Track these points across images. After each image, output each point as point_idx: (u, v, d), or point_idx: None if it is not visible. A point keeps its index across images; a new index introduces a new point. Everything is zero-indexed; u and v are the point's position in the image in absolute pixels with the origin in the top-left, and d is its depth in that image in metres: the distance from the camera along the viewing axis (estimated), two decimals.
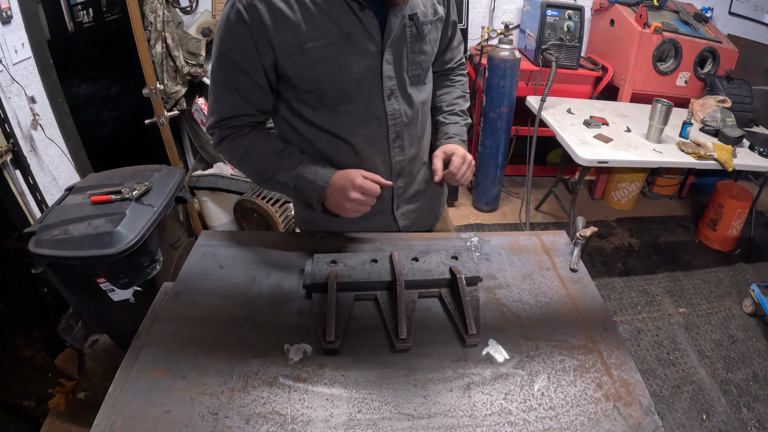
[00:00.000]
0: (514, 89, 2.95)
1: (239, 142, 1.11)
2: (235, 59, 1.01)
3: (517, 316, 1.04)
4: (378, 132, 1.12)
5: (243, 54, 1.00)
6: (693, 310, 2.61)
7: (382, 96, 1.08)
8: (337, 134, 1.10)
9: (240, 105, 1.07)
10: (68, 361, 2.07)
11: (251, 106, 1.09)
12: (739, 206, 2.93)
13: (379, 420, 0.81)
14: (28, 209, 1.89)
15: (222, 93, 1.07)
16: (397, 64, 1.08)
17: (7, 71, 1.80)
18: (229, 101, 1.07)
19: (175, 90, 2.82)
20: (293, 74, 1.02)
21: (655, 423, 0.83)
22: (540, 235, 1.31)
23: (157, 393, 0.84)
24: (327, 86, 1.03)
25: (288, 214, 2.67)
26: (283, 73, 1.04)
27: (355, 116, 1.08)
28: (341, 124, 1.09)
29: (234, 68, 1.02)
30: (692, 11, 3.23)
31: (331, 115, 1.08)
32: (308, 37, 0.98)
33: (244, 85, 1.04)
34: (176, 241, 1.95)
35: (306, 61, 1.00)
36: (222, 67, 1.04)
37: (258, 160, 1.12)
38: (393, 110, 1.11)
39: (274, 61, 1.01)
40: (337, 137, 1.11)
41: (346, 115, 1.08)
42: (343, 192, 1.06)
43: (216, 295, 1.06)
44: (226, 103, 1.08)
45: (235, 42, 1.00)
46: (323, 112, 1.08)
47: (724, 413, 2.04)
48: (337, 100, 1.06)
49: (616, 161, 2.32)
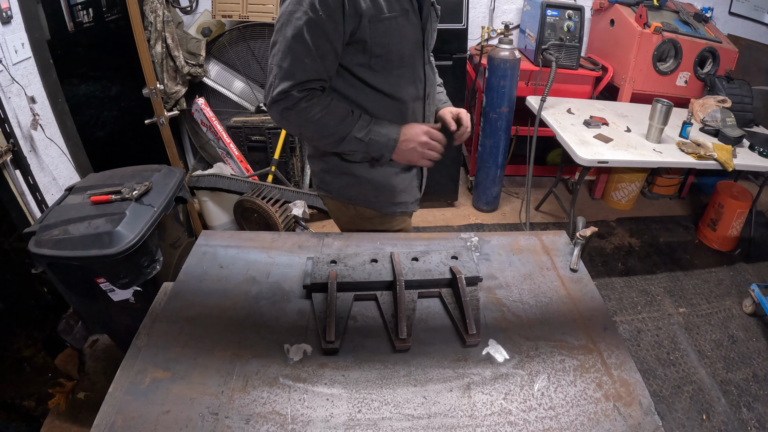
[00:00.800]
0: (514, 89, 2.95)
1: (315, 103, 1.17)
2: (323, 24, 1.09)
3: (517, 316, 1.04)
4: (419, 91, 1.33)
5: (332, 19, 1.10)
6: (693, 310, 2.61)
7: (423, 62, 1.30)
8: (391, 94, 1.26)
9: (318, 69, 1.15)
10: (68, 361, 2.07)
11: (326, 71, 1.17)
12: (739, 206, 2.93)
13: (379, 420, 0.81)
14: (28, 209, 1.89)
15: (303, 57, 1.12)
16: (428, 38, 1.30)
17: (7, 71, 1.80)
18: (310, 65, 1.13)
19: (175, 90, 2.82)
20: (370, 39, 1.16)
21: (655, 423, 0.83)
22: (540, 235, 1.31)
23: (157, 393, 0.84)
24: (393, 51, 1.20)
25: (288, 214, 2.67)
26: (360, 39, 1.15)
27: (405, 78, 1.27)
28: (395, 85, 1.26)
29: (319, 33, 1.10)
30: (692, 11, 3.23)
31: (387, 77, 1.24)
32: (385, 8, 1.15)
33: (324, 50, 1.13)
34: (176, 241, 1.95)
35: (384, 28, 1.16)
36: (307, 32, 1.09)
37: (335, 119, 1.20)
38: (428, 73, 1.33)
39: (355, 28, 1.13)
40: (391, 96, 1.27)
41: (398, 78, 1.25)
42: (415, 139, 1.26)
43: (216, 295, 1.06)
44: (307, 67, 1.14)
45: (328, 8, 1.08)
46: (382, 75, 1.23)
47: (724, 413, 2.04)
48: (396, 64, 1.23)
49: (616, 161, 2.32)
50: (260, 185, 2.74)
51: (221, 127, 2.96)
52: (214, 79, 3.08)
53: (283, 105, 1.16)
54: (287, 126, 1.23)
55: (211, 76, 3.07)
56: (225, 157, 3.09)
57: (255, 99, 3.16)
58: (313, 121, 1.18)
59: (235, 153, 2.99)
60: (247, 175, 2.94)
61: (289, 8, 1.11)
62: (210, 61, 3.03)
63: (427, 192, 3.58)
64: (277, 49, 1.14)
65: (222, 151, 3.09)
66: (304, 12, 1.08)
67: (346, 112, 1.21)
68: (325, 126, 1.19)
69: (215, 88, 3.10)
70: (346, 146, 1.24)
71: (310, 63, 1.13)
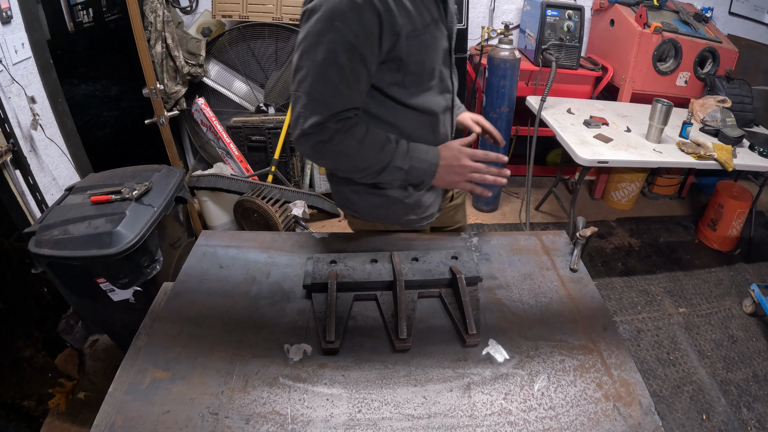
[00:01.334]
0: (514, 89, 2.95)
1: (352, 135, 1.05)
2: (359, 46, 0.98)
3: (517, 316, 1.04)
4: (447, 102, 1.24)
5: (368, 40, 0.98)
6: (693, 310, 2.61)
7: (450, 71, 1.22)
8: (424, 108, 1.16)
9: (353, 96, 1.04)
10: (68, 361, 2.07)
11: (360, 97, 1.07)
12: (739, 206, 2.93)
13: (379, 420, 0.81)
14: (28, 209, 1.89)
15: (337, 83, 1.00)
16: (453, 44, 1.21)
17: (7, 71, 1.80)
18: (346, 92, 1.02)
19: (175, 90, 2.82)
20: (407, 56, 1.05)
21: (655, 423, 0.83)
22: (540, 235, 1.31)
23: (157, 393, 0.84)
24: (427, 65, 1.11)
25: (288, 214, 2.67)
26: (395, 57, 1.04)
27: (435, 90, 1.18)
28: (427, 100, 1.16)
29: (355, 55, 0.98)
30: (692, 11, 3.23)
31: (420, 91, 1.14)
32: (418, 21, 1.04)
33: (359, 74, 1.02)
34: (176, 241, 1.95)
35: (419, 43, 1.06)
36: (341, 55, 0.97)
37: (373, 150, 1.08)
38: (453, 82, 1.25)
39: (392, 46, 1.02)
40: (424, 111, 1.17)
41: (429, 90, 1.16)
42: (456, 162, 1.16)
43: (216, 295, 1.06)
44: (342, 94, 1.02)
45: (364, 27, 0.96)
46: (414, 91, 1.13)
47: (724, 413, 2.04)
48: (428, 77, 1.14)
49: (616, 161, 2.32)
50: (260, 185, 2.74)
51: (221, 127, 2.97)
52: (214, 79, 3.08)
53: (316, 138, 1.03)
54: (319, 160, 1.13)
55: (211, 76, 3.07)
56: (225, 157, 3.09)
57: (255, 99, 3.16)
58: (350, 154, 1.06)
59: (235, 153, 2.99)
60: (247, 175, 2.94)
61: (317, 28, 0.96)
62: (210, 61, 3.03)
63: None
64: (305, 75, 0.99)
65: (222, 151, 3.09)
66: (337, 32, 0.95)
67: (384, 141, 1.10)
68: (364, 158, 1.08)
69: (215, 88, 3.10)
70: (385, 177, 1.13)
71: (346, 90, 1.01)
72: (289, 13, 2.83)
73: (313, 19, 0.96)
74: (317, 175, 3.24)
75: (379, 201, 1.24)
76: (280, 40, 2.99)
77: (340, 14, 0.94)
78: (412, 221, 1.29)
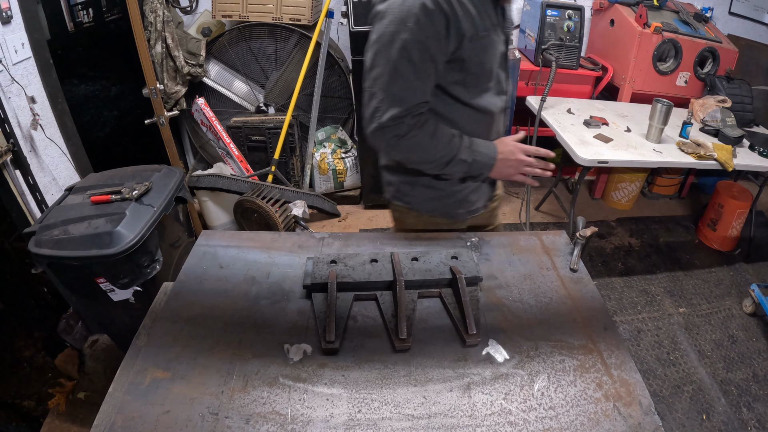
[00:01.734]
0: (514, 89, 2.95)
1: (425, 130, 1.15)
2: (429, 45, 1.06)
3: (517, 316, 1.04)
4: (503, 103, 1.33)
5: (437, 41, 1.07)
6: (693, 310, 2.61)
7: (506, 74, 1.30)
8: (482, 108, 1.25)
9: (425, 91, 1.13)
10: (68, 361, 2.07)
11: (429, 93, 1.15)
12: (739, 206, 2.93)
13: (379, 420, 0.81)
14: (28, 209, 1.89)
15: (412, 79, 1.08)
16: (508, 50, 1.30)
17: (7, 71, 1.80)
18: (420, 87, 1.11)
19: (175, 90, 2.82)
20: (469, 58, 1.13)
21: (655, 423, 0.83)
22: (540, 235, 1.31)
23: (157, 393, 0.84)
24: (487, 66, 1.19)
25: (288, 214, 2.67)
26: (459, 58, 1.13)
27: (492, 91, 1.26)
28: (485, 100, 1.25)
29: (425, 55, 1.07)
30: (692, 11, 3.23)
31: (479, 92, 1.23)
32: (480, 26, 1.12)
33: (429, 71, 1.10)
34: (176, 241, 1.95)
35: (480, 46, 1.14)
36: (414, 52, 1.06)
37: (443, 143, 1.17)
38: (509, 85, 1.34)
39: (457, 47, 1.10)
40: (482, 111, 1.25)
41: (488, 92, 1.24)
42: (512, 156, 1.26)
43: (216, 295, 1.06)
44: (417, 90, 1.11)
45: (434, 29, 1.05)
46: (474, 91, 1.22)
47: (724, 413, 2.04)
48: (486, 78, 1.22)
49: (616, 161, 2.32)
50: (260, 185, 2.74)
51: (221, 127, 2.97)
52: (214, 79, 3.08)
53: (394, 132, 1.12)
54: (392, 152, 1.22)
55: (211, 76, 3.07)
56: (225, 157, 3.09)
57: (255, 99, 3.17)
58: (423, 146, 1.16)
59: (235, 153, 2.99)
60: (247, 175, 2.94)
61: (390, 28, 1.05)
62: (210, 61, 3.03)
63: None
64: (380, 72, 1.08)
65: (222, 151, 3.09)
66: (410, 32, 1.04)
67: (451, 135, 1.19)
68: (434, 152, 1.17)
69: (215, 88, 3.10)
70: (451, 168, 1.22)
71: (420, 85, 1.10)
72: (289, 13, 2.82)
73: (386, 20, 1.06)
74: (317, 175, 3.25)
75: (432, 194, 1.33)
76: (280, 40, 2.99)
77: (412, 16, 1.03)
78: (460, 214, 1.38)
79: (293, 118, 2.94)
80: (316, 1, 2.87)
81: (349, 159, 3.23)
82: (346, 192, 3.37)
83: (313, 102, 3.02)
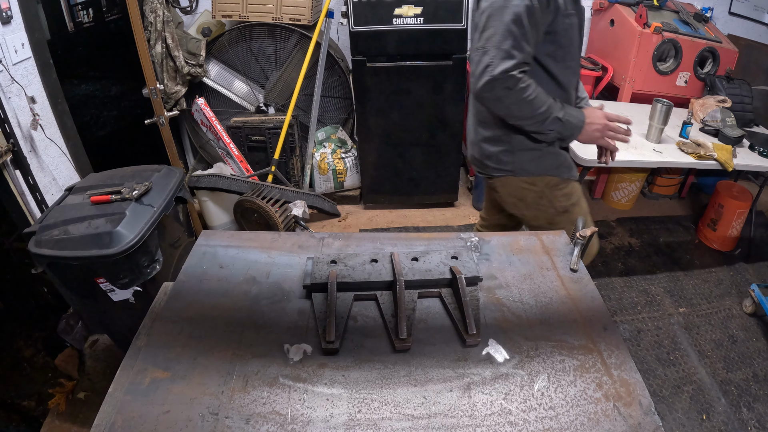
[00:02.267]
0: None
1: (530, 85, 1.30)
2: (535, 12, 1.25)
3: (517, 316, 1.04)
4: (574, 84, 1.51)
5: (541, 10, 1.26)
6: (693, 310, 2.61)
7: (580, 54, 1.50)
8: (563, 82, 1.43)
9: (530, 52, 1.30)
10: (68, 361, 2.07)
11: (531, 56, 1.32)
12: (739, 206, 2.93)
13: (379, 420, 0.81)
14: (28, 209, 1.89)
15: (520, 39, 1.25)
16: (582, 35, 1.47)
17: (7, 71, 1.80)
18: (527, 48, 1.28)
19: (175, 90, 2.82)
20: (561, 30, 1.33)
21: (655, 423, 0.83)
22: (540, 235, 1.31)
23: (157, 393, 0.84)
24: (573, 43, 1.40)
25: (288, 214, 2.67)
26: (553, 30, 1.31)
27: (571, 70, 1.45)
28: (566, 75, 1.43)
29: (532, 20, 1.25)
30: (692, 11, 3.23)
31: (563, 67, 1.41)
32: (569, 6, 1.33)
33: (533, 36, 1.28)
34: (176, 241, 1.95)
35: (568, 23, 1.34)
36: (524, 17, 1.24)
37: (542, 100, 1.33)
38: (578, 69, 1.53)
39: (552, 19, 1.30)
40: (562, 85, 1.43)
41: (569, 69, 1.43)
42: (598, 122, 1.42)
43: (216, 295, 1.06)
44: (524, 49, 1.27)
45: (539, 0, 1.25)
46: (560, 65, 1.40)
47: (724, 413, 2.04)
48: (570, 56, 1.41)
49: (616, 161, 2.31)
50: (260, 185, 2.74)
51: (221, 127, 2.97)
52: (214, 79, 3.08)
53: (504, 84, 1.27)
54: (499, 105, 1.34)
55: (211, 76, 3.07)
56: (225, 157, 3.09)
57: (255, 99, 3.17)
58: (527, 101, 1.30)
59: (235, 153, 2.99)
60: (247, 175, 2.94)
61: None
62: (210, 61, 3.03)
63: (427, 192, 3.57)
64: (493, 32, 1.25)
65: (222, 151, 3.09)
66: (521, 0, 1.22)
67: (547, 96, 1.34)
68: (535, 107, 1.32)
69: (215, 88, 3.10)
70: (547, 126, 1.36)
71: (527, 46, 1.26)
72: (289, 13, 2.83)
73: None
74: (317, 175, 3.25)
75: (532, 155, 1.50)
76: (280, 40, 2.99)
77: None
78: (562, 171, 1.55)
79: (293, 118, 2.94)
80: (316, 1, 2.87)
81: (349, 159, 3.23)
82: (346, 192, 3.37)
83: (313, 102, 3.02)
